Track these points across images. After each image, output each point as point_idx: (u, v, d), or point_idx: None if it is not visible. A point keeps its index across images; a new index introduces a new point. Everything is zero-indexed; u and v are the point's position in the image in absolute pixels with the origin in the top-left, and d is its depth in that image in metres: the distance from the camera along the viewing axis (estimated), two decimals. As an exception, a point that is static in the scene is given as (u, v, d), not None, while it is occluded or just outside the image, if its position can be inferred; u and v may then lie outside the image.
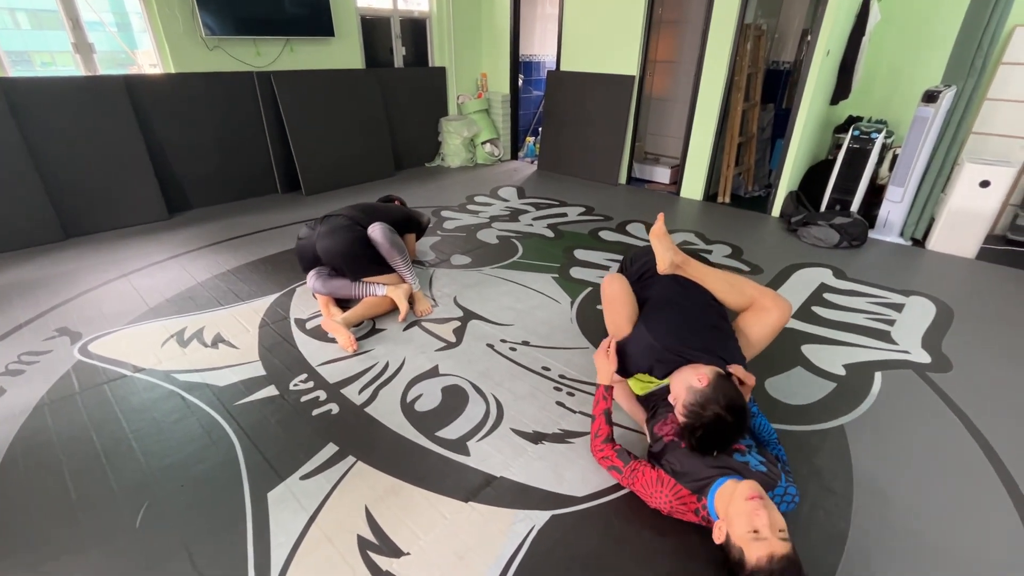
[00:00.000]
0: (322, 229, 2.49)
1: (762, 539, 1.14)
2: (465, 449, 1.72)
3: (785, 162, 4.03)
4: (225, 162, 4.12)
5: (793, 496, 1.38)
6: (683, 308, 1.75)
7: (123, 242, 3.37)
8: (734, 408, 1.38)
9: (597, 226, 3.85)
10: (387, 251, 2.52)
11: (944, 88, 3.26)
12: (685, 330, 1.65)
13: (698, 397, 1.41)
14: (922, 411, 1.95)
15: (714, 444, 1.38)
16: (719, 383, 1.44)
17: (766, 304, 1.75)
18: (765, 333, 1.75)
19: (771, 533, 1.14)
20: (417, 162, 5.56)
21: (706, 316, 1.74)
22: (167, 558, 1.34)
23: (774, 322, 1.73)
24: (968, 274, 3.15)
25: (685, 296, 1.80)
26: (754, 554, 1.14)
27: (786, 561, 1.12)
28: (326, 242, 2.45)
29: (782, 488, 1.36)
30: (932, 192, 3.49)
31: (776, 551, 1.12)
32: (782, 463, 1.49)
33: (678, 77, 5.16)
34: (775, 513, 1.20)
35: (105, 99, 3.41)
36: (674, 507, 1.40)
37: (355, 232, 2.48)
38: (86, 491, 1.53)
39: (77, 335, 2.32)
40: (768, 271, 3.12)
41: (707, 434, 1.37)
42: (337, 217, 2.55)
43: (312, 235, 2.53)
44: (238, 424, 1.80)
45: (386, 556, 1.35)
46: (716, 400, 1.38)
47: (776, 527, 1.16)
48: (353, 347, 2.23)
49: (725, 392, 1.41)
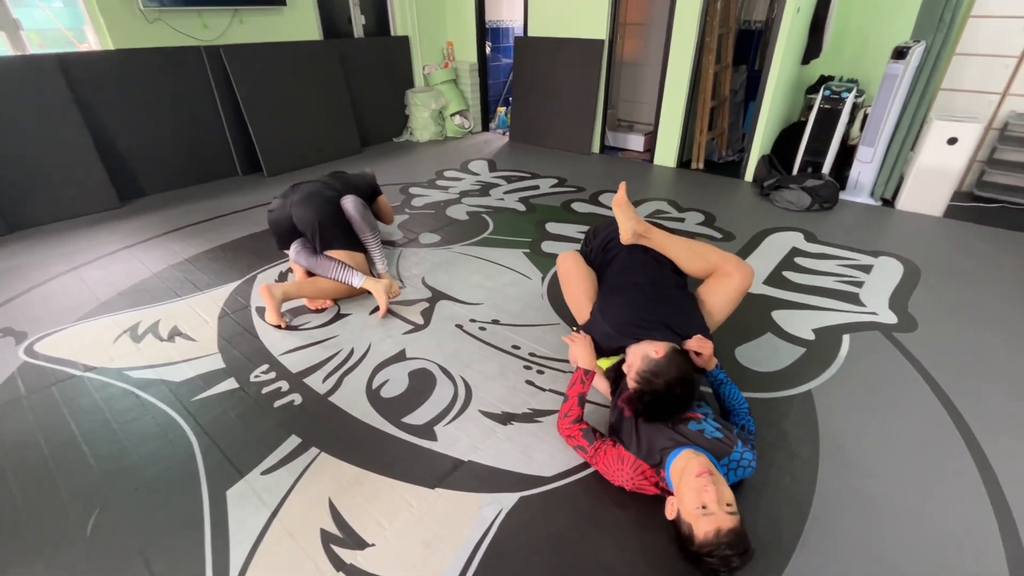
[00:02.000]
0: (295, 197, 2.42)
1: (710, 514, 1.16)
2: (432, 434, 1.68)
3: (757, 125, 3.98)
4: (178, 144, 3.90)
5: (749, 462, 1.38)
6: (639, 286, 1.72)
7: (71, 234, 3.20)
8: (684, 381, 1.40)
9: (570, 198, 3.77)
10: (359, 225, 2.46)
11: (913, 44, 3.22)
12: (641, 309, 1.63)
13: (651, 366, 1.42)
14: (888, 372, 1.97)
15: (659, 413, 1.39)
16: (674, 356, 1.45)
17: (728, 269, 1.73)
18: (727, 299, 1.72)
19: (718, 508, 1.16)
20: (384, 137, 5.37)
21: (664, 290, 1.71)
22: (121, 565, 1.29)
23: (735, 287, 1.71)
24: (935, 233, 3.17)
25: (643, 270, 1.77)
26: (702, 529, 1.16)
27: (732, 535, 1.14)
28: (301, 210, 2.38)
29: (737, 454, 1.37)
30: (901, 151, 3.48)
31: (723, 525, 1.15)
32: (747, 431, 1.49)
33: (649, 40, 5.03)
34: (723, 488, 1.21)
35: (39, 80, 3.17)
36: (636, 483, 1.40)
37: (329, 199, 2.43)
38: (33, 500, 1.46)
39: (22, 335, 2.20)
40: (740, 237, 3.10)
41: (654, 402, 1.38)
42: (310, 183, 2.49)
43: (285, 204, 2.44)
44: (196, 421, 1.74)
45: (350, 549, 1.32)
46: (668, 371, 1.39)
47: (724, 501, 1.18)
48: (282, 324, 2.22)
49: (678, 365, 1.42)
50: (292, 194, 2.45)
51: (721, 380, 1.61)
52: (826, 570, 1.27)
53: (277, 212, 2.47)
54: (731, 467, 1.36)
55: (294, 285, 2.30)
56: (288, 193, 2.48)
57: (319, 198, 2.40)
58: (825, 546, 1.33)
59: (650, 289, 1.70)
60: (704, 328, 1.62)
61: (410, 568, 1.27)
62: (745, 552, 1.15)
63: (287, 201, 2.44)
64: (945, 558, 1.30)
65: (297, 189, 2.47)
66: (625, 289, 1.73)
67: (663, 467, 1.34)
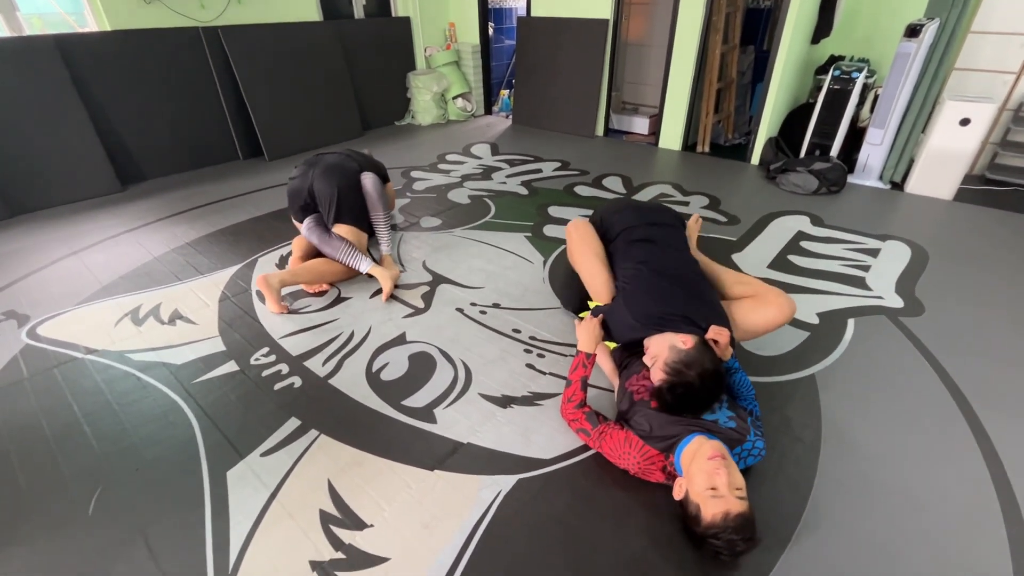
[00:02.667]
0: (318, 170, 2.42)
1: (719, 496, 1.15)
2: (432, 417, 1.68)
3: (764, 107, 3.91)
4: (179, 128, 3.87)
5: (760, 450, 1.38)
6: (666, 277, 1.67)
7: (73, 217, 3.19)
8: (717, 374, 1.38)
9: (573, 181, 3.73)
10: (373, 203, 2.50)
11: (927, 21, 3.13)
12: (668, 301, 1.59)
13: (683, 356, 1.39)
14: (893, 357, 1.94)
15: (690, 405, 1.37)
16: (704, 348, 1.42)
17: (769, 299, 1.66)
18: (756, 325, 1.65)
19: (728, 491, 1.15)
20: (386, 120, 5.32)
21: (690, 283, 1.67)
22: (122, 544, 1.30)
23: (771, 317, 1.63)
24: (945, 216, 3.12)
25: (670, 261, 1.73)
26: (710, 511, 1.15)
27: (741, 519, 1.13)
28: (322, 182, 2.39)
29: (750, 443, 1.36)
30: (912, 132, 3.41)
31: (732, 509, 1.14)
32: (754, 417, 1.48)
33: (655, 20, 4.92)
34: (735, 473, 1.20)
35: (36, 62, 3.14)
36: (642, 467, 1.38)
37: (350, 171, 2.48)
38: (36, 480, 1.47)
39: (25, 318, 2.21)
40: (745, 221, 3.06)
41: (686, 394, 1.35)
42: (333, 155, 2.52)
43: (308, 174, 2.43)
44: (196, 403, 1.74)
45: (349, 529, 1.33)
46: (701, 362, 1.37)
47: (734, 486, 1.16)
48: (284, 310, 2.23)
49: (711, 357, 1.40)
50: (315, 165, 2.45)
51: (734, 368, 1.59)
52: (827, 553, 1.27)
53: (298, 181, 2.46)
54: (742, 456, 1.36)
55: (290, 273, 2.28)
56: (313, 162, 2.48)
57: (340, 170, 2.45)
58: (826, 529, 1.32)
59: (677, 280, 1.66)
60: (725, 319, 1.59)
61: (409, 549, 1.28)
62: (751, 539, 1.15)
63: (310, 172, 2.44)
64: (947, 541, 1.29)
65: (320, 160, 2.48)
66: (651, 279, 1.67)
67: (673, 452, 1.33)
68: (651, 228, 1.86)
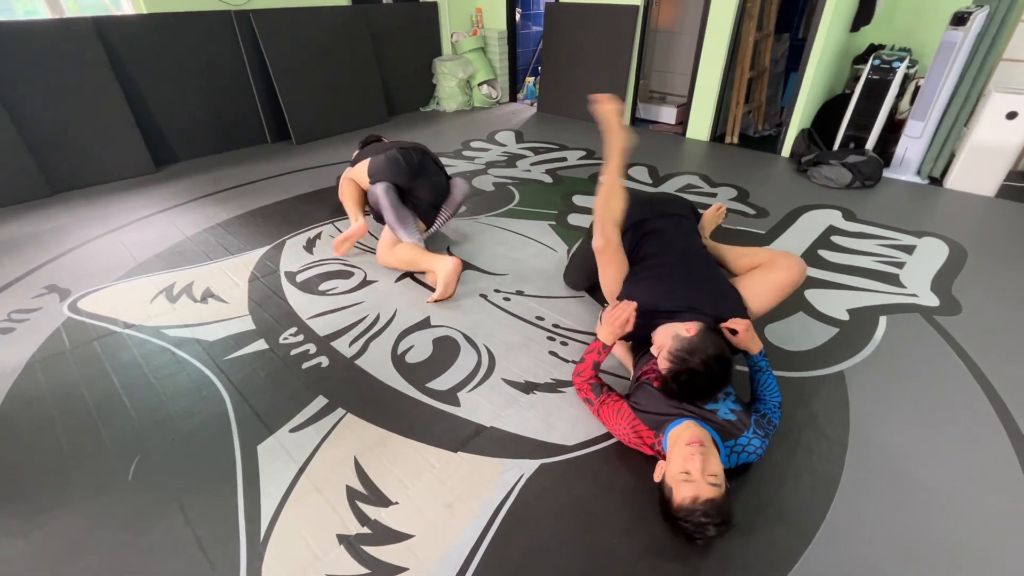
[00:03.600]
0: (422, 184, 2.48)
1: (691, 481, 1.18)
2: (455, 400, 1.70)
3: (798, 97, 3.80)
4: (210, 111, 3.94)
5: (757, 448, 1.35)
6: (671, 268, 1.65)
7: (110, 196, 3.29)
8: (720, 359, 1.35)
9: (598, 170, 3.69)
10: (455, 204, 2.59)
11: (975, 9, 2.99)
12: (673, 292, 1.57)
13: (685, 344, 1.38)
14: (926, 356, 1.89)
15: (694, 392, 1.36)
16: (707, 333, 1.40)
17: (776, 263, 1.64)
18: (766, 289, 1.61)
19: (700, 477, 1.17)
20: (411, 106, 5.32)
21: (696, 273, 1.65)
22: (159, 509, 1.36)
23: (780, 279, 1.60)
24: (986, 213, 3.00)
25: (677, 252, 1.70)
26: (680, 494, 1.19)
27: (710, 504, 1.15)
28: (426, 189, 2.49)
29: (745, 439, 1.34)
30: (954, 126, 3.28)
31: (702, 494, 1.16)
32: (767, 420, 1.41)
33: (686, 6, 4.80)
34: (711, 460, 1.21)
35: (76, 44, 3.22)
36: (630, 439, 1.42)
37: (443, 188, 2.60)
38: (78, 446, 1.54)
39: (66, 292, 2.29)
40: (774, 214, 3.00)
41: (691, 380, 1.34)
42: (437, 172, 2.59)
43: (409, 172, 2.45)
44: (228, 378, 1.79)
45: (374, 505, 1.36)
46: (704, 348, 1.35)
47: (708, 472, 1.18)
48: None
49: (714, 342, 1.38)
50: (419, 177, 2.47)
51: (761, 367, 1.53)
52: (851, 550, 1.25)
53: (395, 170, 2.43)
54: (735, 450, 1.34)
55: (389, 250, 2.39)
56: (411, 164, 2.46)
57: (438, 189, 2.56)
58: (852, 526, 1.30)
59: (685, 270, 1.63)
60: (741, 309, 1.56)
61: (432, 527, 1.31)
62: (722, 523, 1.16)
63: (413, 164, 2.46)
64: (978, 544, 1.27)
65: (425, 167, 2.51)
66: (655, 272, 1.65)
67: (663, 432, 1.35)
68: (660, 220, 1.84)
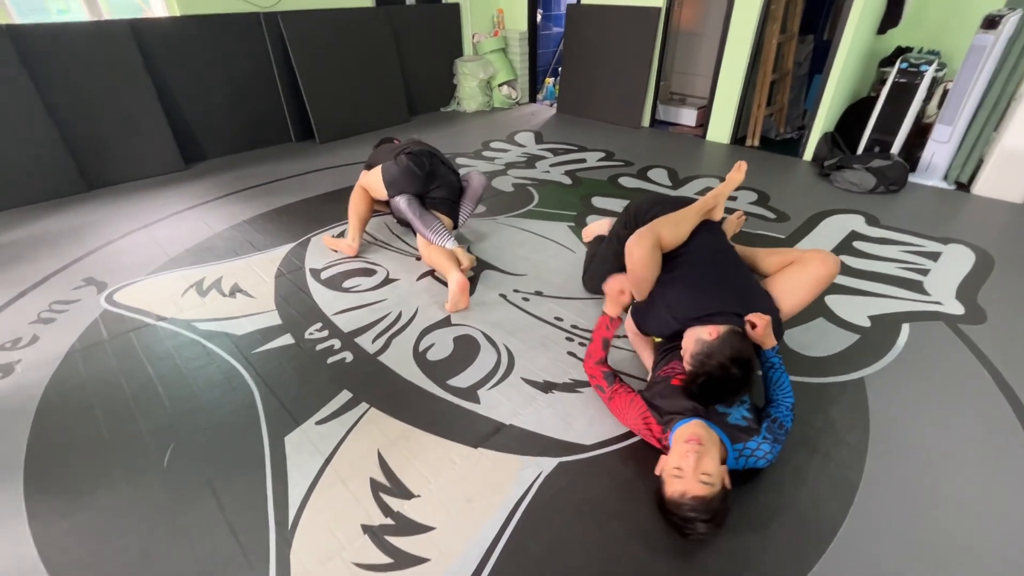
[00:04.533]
0: (436, 185, 2.55)
1: (681, 477, 1.21)
2: (475, 397, 1.74)
3: (822, 100, 3.76)
4: (237, 110, 4.05)
5: (765, 454, 1.35)
6: (702, 271, 1.65)
7: (143, 193, 3.40)
8: (740, 360, 1.36)
9: (617, 172, 3.70)
10: (475, 197, 2.66)
11: (1008, 12, 2.93)
12: (704, 296, 1.57)
13: (704, 347, 1.40)
14: (950, 365, 1.87)
15: (716, 394, 1.37)
16: (729, 336, 1.41)
17: (807, 258, 1.66)
18: (799, 283, 1.63)
19: (692, 475, 1.20)
20: (432, 107, 5.38)
21: (725, 274, 1.65)
22: (193, 494, 1.42)
23: (813, 273, 1.61)
24: (1015, 220, 2.94)
25: (707, 255, 1.70)
26: (669, 489, 1.23)
27: (697, 501, 1.18)
28: (443, 191, 2.56)
29: (755, 443, 1.35)
30: (984, 130, 3.21)
31: (690, 490, 1.19)
32: (778, 425, 1.40)
33: (708, 7, 4.77)
34: (706, 459, 1.22)
35: (112, 45, 3.33)
36: (639, 429, 1.47)
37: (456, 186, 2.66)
38: (117, 432, 1.61)
39: (103, 285, 2.39)
40: (795, 218, 2.98)
41: (708, 383, 1.36)
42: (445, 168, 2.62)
43: (425, 179, 2.50)
44: (256, 371, 1.86)
45: (397, 498, 1.40)
46: (722, 351, 1.36)
47: (700, 470, 1.20)
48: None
49: (733, 344, 1.39)
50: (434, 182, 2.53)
51: (773, 364, 1.53)
52: (869, 556, 1.26)
53: (410, 177, 2.45)
54: (744, 453, 1.35)
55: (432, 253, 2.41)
56: (424, 167, 2.49)
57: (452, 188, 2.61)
58: (870, 532, 1.31)
59: (714, 272, 1.64)
60: (772, 309, 1.58)
61: (453, 521, 1.34)
62: (710, 520, 1.18)
63: (423, 179, 2.49)
64: (999, 555, 1.26)
65: (436, 169, 2.54)
66: (687, 275, 1.65)
67: (670, 429, 1.37)
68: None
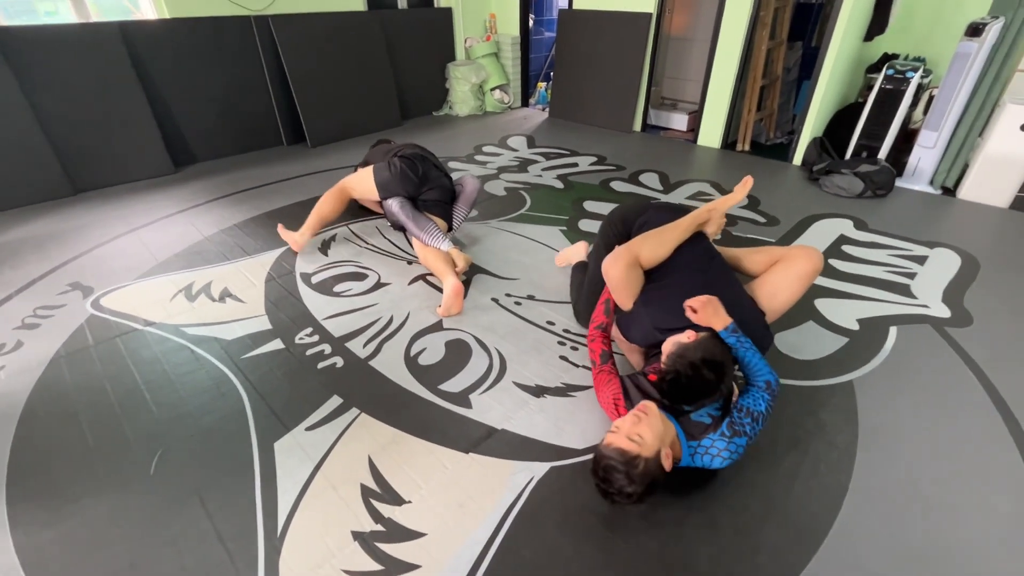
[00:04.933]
0: (429, 188, 2.66)
1: (614, 432, 1.31)
2: (467, 402, 1.73)
3: (810, 106, 3.80)
4: (228, 114, 4.02)
5: (719, 451, 1.34)
6: (688, 279, 1.65)
7: (131, 197, 3.37)
8: (711, 362, 1.35)
9: (608, 176, 3.72)
10: (469, 200, 2.74)
11: (991, 20, 2.99)
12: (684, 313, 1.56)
13: (679, 348, 1.42)
14: (936, 367, 1.90)
15: (683, 394, 1.37)
16: (704, 340, 1.42)
17: (792, 254, 1.69)
18: (786, 280, 1.64)
19: (625, 431, 1.29)
20: (424, 111, 5.38)
21: (711, 284, 1.63)
22: (180, 502, 1.40)
23: (799, 268, 1.64)
24: (1000, 224, 2.99)
25: (691, 262, 1.71)
26: (603, 440, 1.33)
27: (617, 451, 1.26)
28: (435, 193, 2.67)
29: (708, 441, 1.36)
30: (968, 136, 3.27)
31: (615, 442, 1.28)
32: (744, 413, 1.37)
33: (699, 13, 4.82)
34: (643, 426, 1.29)
35: (101, 48, 3.30)
36: (609, 409, 1.54)
37: (449, 189, 2.77)
38: (102, 439, 1.59)
39: (89, 289, 2.36)
40: (785, 222, 3.00)
41: (678, 381, 1.35)
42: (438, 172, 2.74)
43: (418, 182, 2.63)
44: (245, 377, 1.84)
45: (388, 504, 1.39)
46: (695, 352, 1.37)
47: (634, 432, 1.28)
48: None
49: (707, 347, 1.39)
50: (426, 184, 2.65)
51: (730, 344, 1.44)
52: (858, 559, 1.27)
53: (402, 180, 2.58)
54: (697, 451, 1.36)
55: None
56: (416, 170, 2.62)
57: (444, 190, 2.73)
58: (858, 535, 1.32)
59: (697, 287, 1.61)
60: (756, 312, 1.60)
61: (444, 526, 1.33)
62: (629, 479, 1.22)
63: (415, 182, 2.61)
64: (987, 556, 1.27)
65: (428, 172, 2.66)
66: (671, 287, 1.64)
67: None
68: (665, 213, 1.86)
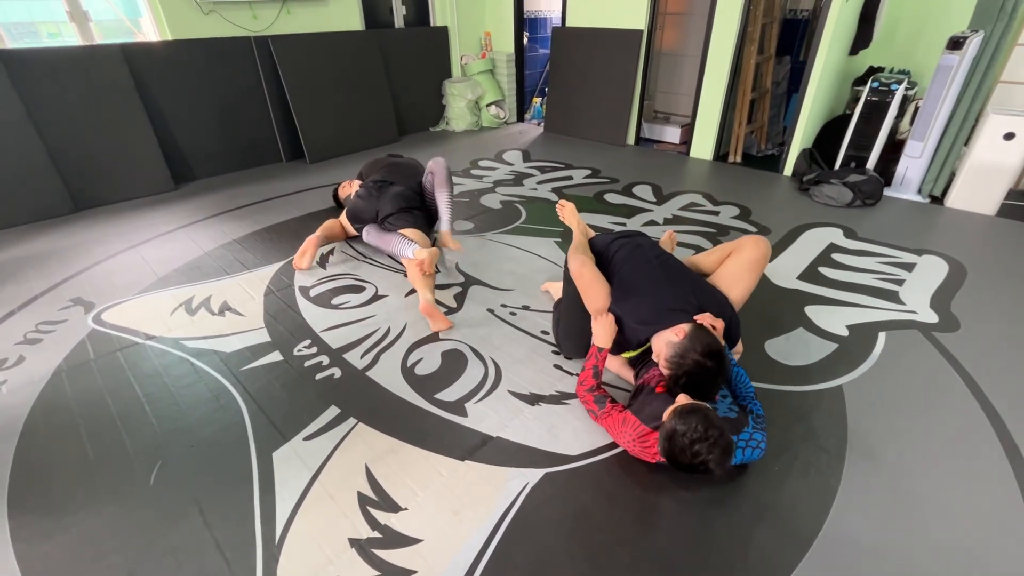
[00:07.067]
0: (385, 205, 2.72)
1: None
2: (463, 411, 1.76)
3: (799, 118, 3.88)
4: (228, 131, 4.10)
5: (759, 443, 1.42)
6: (650, 273, 1.76)
7: (132, 213, 3.42)
8: (712, 353, 1.42)
9: (603, 189, 3.78)
10: (442, 181, 2.74)
11: (971, 34, 3.07)
12: (657, 300, 1.66)
13: (677, 348, 1.46)
14: (924, 371, 1.93)
15: (698, 391, 1.42)
16: (695, 333, 1.48)
17: (740, 243, 1.80)
18: (739, 270, 1.76)
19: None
20: (421, 127, 5.47)
21: (668, 270, 1.76)
22: (179, 513, 1.42)
23: (747, 257, 1.75)
24: (986, 231, 3.04)
25: (649, 257, 1.82)
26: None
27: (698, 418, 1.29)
28: (392, 204, 2.71)
29: (747, 434, 1.41)
30: (953, 146, 3.34)
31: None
32: (754, 415, 1.50)
33: (689, 30, 4.94)
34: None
35: (104, 69, 3.38)
36: (635, 449, 1.48)
37: (411, 197, 2.81)
38: (103, 452, 1.61)
39: (91, 304, 2.39)
40: (776, 232, 3.05)
41: (691, 381, 1.41)
42: (395, 188, 2.82)
43: (371, 202, 2.75)
44: (244, 388, 1.86)
45: (385, 511, 1.41)
46: (694, 348, 1.43)
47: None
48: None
49: (701, 340, 1.45)
50: (379, 195, 2.75)
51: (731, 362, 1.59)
52: (847, 561, 1.28)
53: (364, 203, 2.77)
54: (740, 445, 1.40)
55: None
56: (372, 192, 2.77)
57: (402, 197, 2.76)
58: (848, 538, 1.34)
59: (657, 275, 1.74)
60: (724, 302, 1.67)
61: (440, 533, 1.35)
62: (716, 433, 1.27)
63: (374, 200, 2.75)
64: (976, 559, 1.29)
65: (384, 192, 2.78)
66: (633, 282, 1.75)
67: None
68: (632, 238, 1.97)
